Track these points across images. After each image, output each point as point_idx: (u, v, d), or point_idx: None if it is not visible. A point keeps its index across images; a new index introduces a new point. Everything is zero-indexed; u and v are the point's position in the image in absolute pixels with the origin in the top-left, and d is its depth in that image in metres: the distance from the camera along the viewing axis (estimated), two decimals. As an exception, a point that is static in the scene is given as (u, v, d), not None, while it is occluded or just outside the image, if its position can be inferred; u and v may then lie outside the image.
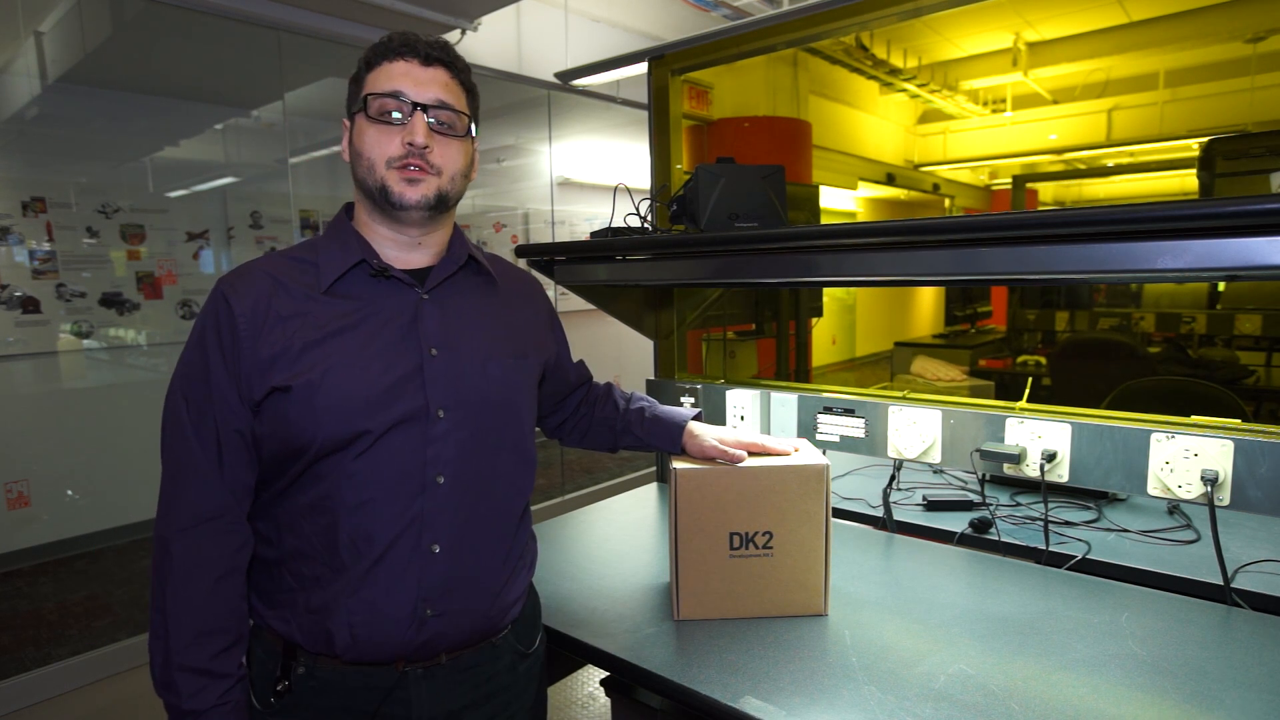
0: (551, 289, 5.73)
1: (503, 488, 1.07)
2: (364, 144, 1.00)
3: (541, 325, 1.22)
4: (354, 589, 0.97)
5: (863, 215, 7.84)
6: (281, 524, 1.01)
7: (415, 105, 0.99)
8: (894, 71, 5.71)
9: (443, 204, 1.03)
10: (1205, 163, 2.60)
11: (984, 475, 1.77)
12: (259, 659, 1.04)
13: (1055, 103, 6.37)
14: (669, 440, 1.34)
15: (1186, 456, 1.27)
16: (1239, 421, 1.29)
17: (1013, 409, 1.50)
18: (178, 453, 0.98)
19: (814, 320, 3.41)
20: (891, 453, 1.60)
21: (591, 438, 1.41)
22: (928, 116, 7.48)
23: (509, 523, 1.08)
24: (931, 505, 1.79)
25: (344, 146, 1.07)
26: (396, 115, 0.99)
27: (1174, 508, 1.69)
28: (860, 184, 6.83)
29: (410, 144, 0.98)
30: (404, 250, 1.05)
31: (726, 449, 1.27)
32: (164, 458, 0.99)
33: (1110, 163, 6.99)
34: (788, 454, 1.28)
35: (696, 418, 1.37)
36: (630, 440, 1.38)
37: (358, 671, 0.99)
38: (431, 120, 1.00)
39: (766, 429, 1.79)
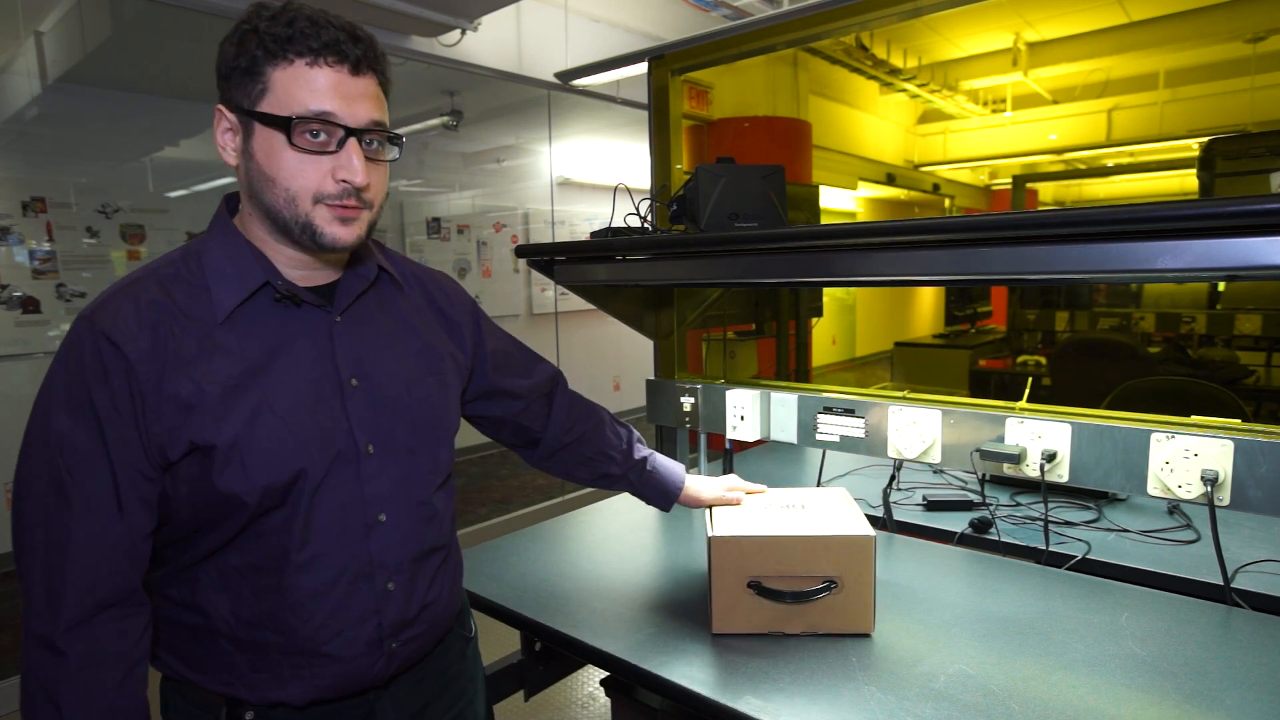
0: (551, 289, 5.74)
1: (438, 508, 1.01)
2: (279, 169, 0.83)
3: (446, 327, 1.08)
4: (312, 646, 0.89)
5: (863, 215, 7.83)
6: (208, 588, 0.88)
7: (348, 132, 0.83)
8: (894, 71, 5.71)
9: (369, 236, 0.92)
10: (1205, 163, 2.60)
11: (984, 475, 1.77)
12: (188, 715, 0.92)
13: (1055, 103, 6.36)
14: (663, 500, 1.36)
15: (1186, 456, 1.26)
16: (1239, 421, 1.29)
17: (1013, 409, 1.50)
18: (55, 535, 0.80)
19: (814, 320, 3.40)
20: (891, 453, 1.60)
21: (574, 471, 1.32)
22: (928, 116, 7.47)
23: (446, 537, 1.04)
24: (931, 505, 1.79)
25: (226, 146, 0.86)
26: (322, 137, 0.83)
27: (1174, 508, 1.69)
28: (860, 184, 6.83)
29: (346, 182, 0.84)
30: (308, 268, 0.92)
31: (722, 494, 1.33)
32: (29, 542, 0.81)
33: (1110, 163, 6.99)
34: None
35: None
36: (623, 486, 1.35)
37: (321, 709, 0.93)
38: (365, 145, 0.86)
39: (767, 429, 1.79)
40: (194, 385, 0.83)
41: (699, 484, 1.37)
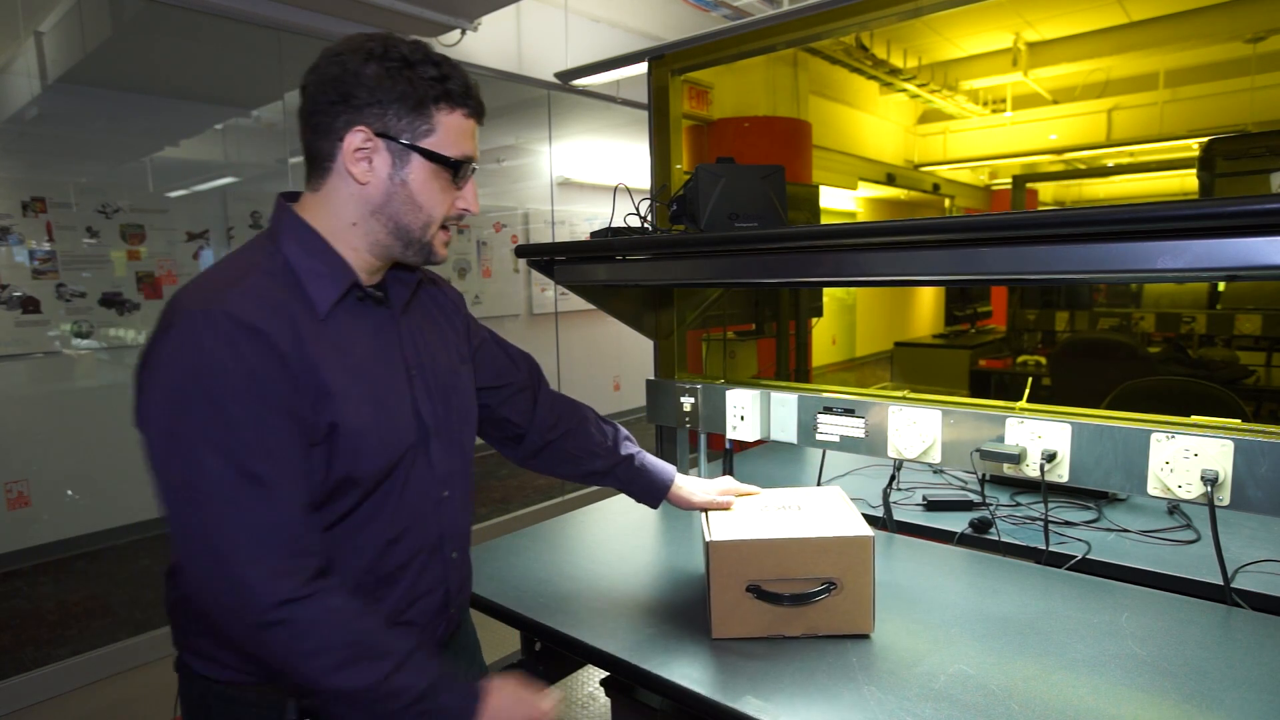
0: (551, 289, 5.73)
1: (474, 480, 1.14)
2: (429, 199, 0.95)
3: (454, 322, 1.17)
4: (394, 616, 0.99)
5: (863, 215, 7.84)
6: None
7: (474, 171, 1.00)
8: (894, 71, 5.71)
9: None
10: (1205, 163, 2.60)
11: (984, 475, 1.77)
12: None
13: (1055, 103, 6.37)
14: (651, 497, 1.36)
15: (1186, 456, 1.26)
16: (1239, 421, 1.29)
17: (1013, 409, 1.50)
18: (263, 515, 0.82)
19: (814, 320, 3.41)
20: (891, 453, 1.60)
21: (560, 468, 1.34)
22: (928, 116, 7.48)
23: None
24: (931, 505, 1.79)
25: (356, 161, 0.91)
26: (467, 176, 0.98)
27: (1174, 508, 1.69)
28: (860, 184, 6.83)
29: (466, 211, 0.99)
30: (373, 271, 1.00)
31: (713, 498, 1.34)
32: (225, 534, 0.81)
33: (1110, 163, 7.00)
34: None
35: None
36: (610, 482, 1.36)
37: None
38: None
39: (767, 429, 1.79)
40: (328, 372, 0.89)
41: (691, 485, 1.36)
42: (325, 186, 0.94)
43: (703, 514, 1.33)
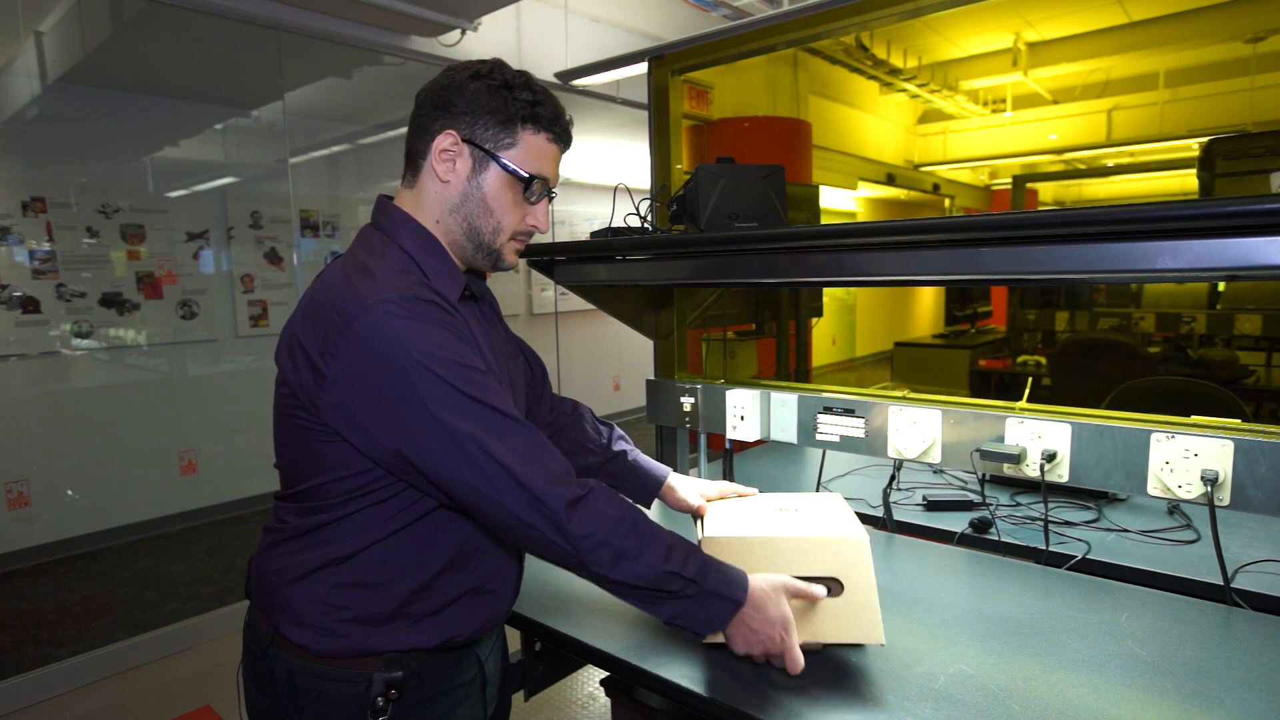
0: (551, 289, 5.73)
1: None
2: (500, 207, 1.02)
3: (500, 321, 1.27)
4: (479, 585, 1.06)
5: (863, 215, 7.85)
6: (421, 538, 1.00)
7: (551, 194, 1.07)
8: (894, 71, 5.72)
9: None
10: (1205, 163, 2.60)
11: (984, 475, 1.77)
12: (327, 701, 0.98)
13: (1055, 103, 6.37)
14: (644, 493, 1.36)
15: (1186, 456, 1.26)
16: (1239, 421, 1.29)
17: (1013, 409, 1.50)
18: (525, 439, 0.93)
19: (814, 320, 3.41)
20: (891, 453, 1.60)
21: None
22: (928, 116, 7.48)
23: None
24: (931, 505, 1.79)
25: (441, 162, 1.00)
26: (538, 194, 1.05)
27: (1174, 508, 1.69)
28: (860, 184, 6.83)
29: (535, 228, 1.06)
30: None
31: (707, 499, 1.32)
32: (501, 459, 0.90)
33: (1110, 163, 7.00)
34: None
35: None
36: (603, 477, 1.37)
37: (463, 653, 1.07)
38: None
39: (767, 429, 1.79)
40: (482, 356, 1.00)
41: (685, 485, 1.35)
42: (417, 184, 1.03)
43: (695, 514, 1.31)
